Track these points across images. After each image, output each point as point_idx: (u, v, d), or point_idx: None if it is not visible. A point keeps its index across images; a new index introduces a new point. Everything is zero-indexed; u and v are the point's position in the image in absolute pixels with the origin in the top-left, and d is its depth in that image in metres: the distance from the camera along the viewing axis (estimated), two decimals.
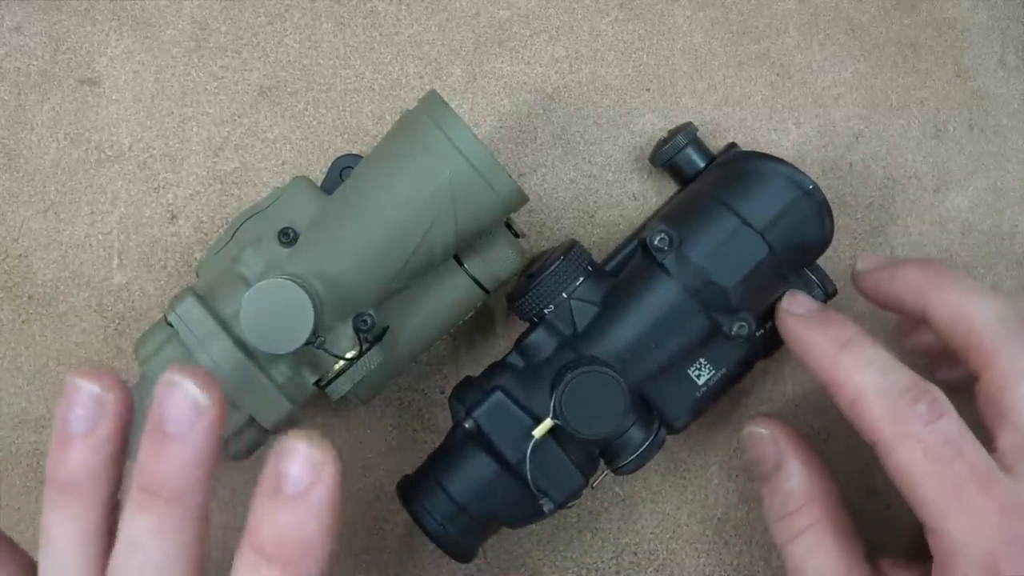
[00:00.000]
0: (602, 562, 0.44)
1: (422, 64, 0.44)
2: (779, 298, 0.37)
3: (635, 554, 0.44)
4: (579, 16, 0.44)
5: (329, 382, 0.37)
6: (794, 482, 0.36)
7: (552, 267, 0.37)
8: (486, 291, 0.38)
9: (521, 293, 0.37)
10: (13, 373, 0.43)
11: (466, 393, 0.37)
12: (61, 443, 0.28)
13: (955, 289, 0.33)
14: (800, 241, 0.36)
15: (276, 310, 0.34)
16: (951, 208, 0.44)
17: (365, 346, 0.36)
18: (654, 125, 0.44)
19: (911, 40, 0.45)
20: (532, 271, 0.38)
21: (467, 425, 0.36)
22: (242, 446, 0.37)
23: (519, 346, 0.37)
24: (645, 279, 0.36)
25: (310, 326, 0.34)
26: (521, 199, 0.35)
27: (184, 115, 0.43)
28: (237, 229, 0.38)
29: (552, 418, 0.35)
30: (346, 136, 0.43)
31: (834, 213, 0.36)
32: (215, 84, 0.44)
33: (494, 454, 0.36)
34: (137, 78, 0.43)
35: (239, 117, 0.43)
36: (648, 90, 0.44)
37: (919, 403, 0.31)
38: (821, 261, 0.38)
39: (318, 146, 0.43)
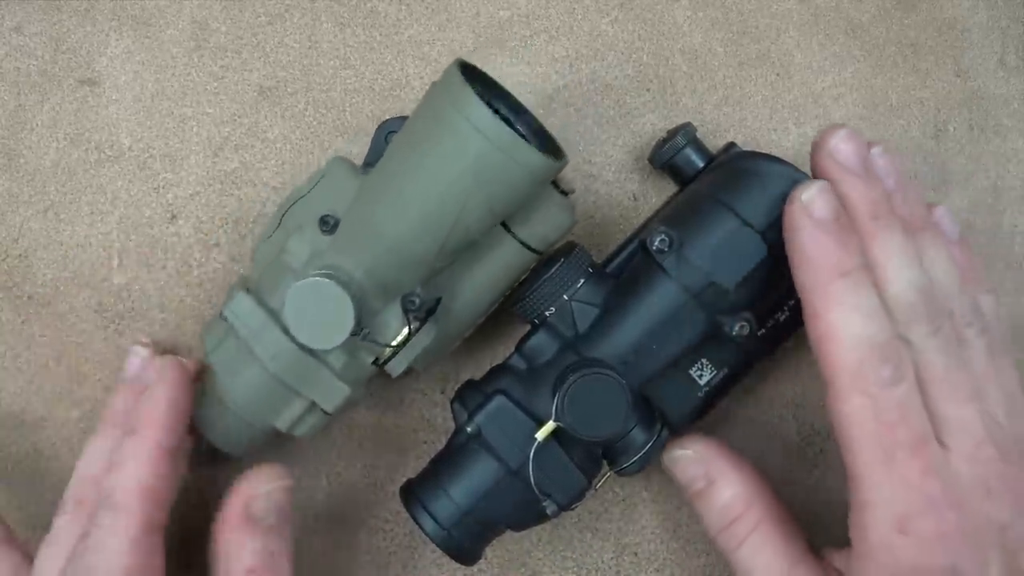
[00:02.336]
0: (602, 562, 0.44)
1: (422, 64, 0.44)
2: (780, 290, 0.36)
3: (635, 554, 0.44)
4: (579, 16, 0.44)
5: (386, 361, 0.37)
6: (730, 492, 0.37)
7: (553, 269, 0.37)
8: (537, 252, 0.38)
9: (522, 295, 0.37)
10: (13, 373, 0.43)
11: (468, 396, 0.37)
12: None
13: (835, 309, 0.32)
14: None
15: (317, 308, 0.34)
16: (951, 208, 0.44)
17: (415, 325, 0.36)
18: (654, 125, 0.44)
19: (911, 40, 0.45)
20: (533, 273, 0.38)
21: (469, 429, 0.36)
22: (309, 428, 0.38)
23: (520, 349, 0.37)
24: (646, 280, 0.36)
25: (351, 322, 0.34)
26: (552, 167, 0.34)
27: (184, 115, 0.43)
28: (284, 215, 0.38)
29: (554, 420, 0.35)
30: (346, 136, 0.43)
31: None
32: (215, 84, 0.44)
33: (497, 457, 0.36)
34: (137, 78, 0.43)
35: (239, 117, 0.43)
36: (648, 90, 0.44)
37: (885, 364, 0.31)
38: None
39: (318, 146, 0.43)
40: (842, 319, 0.32)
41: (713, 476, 0.38)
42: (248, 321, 0.36)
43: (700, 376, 0.37)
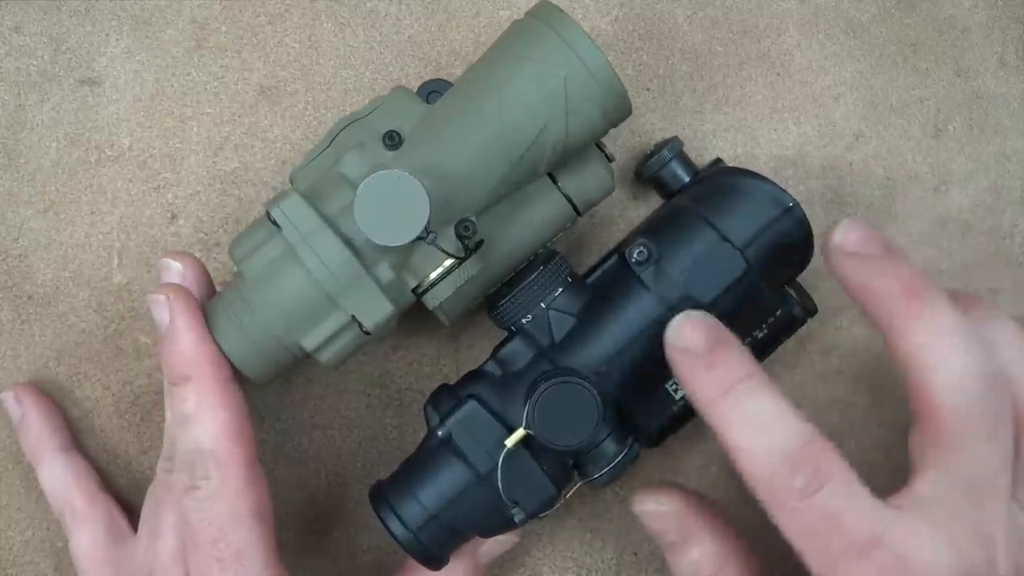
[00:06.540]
0: (602, 562, 0.44)
1: (422, 64, 0.44)
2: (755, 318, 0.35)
3: (635, 554, 0.44)
4: (579, 16, 0.44)
5: (427, 289, 0.36)
6: (700, 551, 0.36)
7: (531, 277, 0.37)
8: (577, 212, 0.38)
9: (499, 302, 0.37)
10: (13, 373, 0.43)
11: (441, 400, 0.37)
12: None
13: (923, 332, 0.30)
14: (780, 258, 0.36)
15: (391, 201, 0.33)
16: (951, 208, 0.44)
17: (468, 252, 0.35)
18: (654, 125, 0.44)
19: (911, 40, 0.45)
20: (511, 280, 0.38)
21: (440, 433, 0.36)
22: (336, 351, 0.36)
23: (496, 355, 0.37)
24: (623, 292, 0.36)
25: (425, 217, 0.33)
26: (628, 110, 0.35)
27: (184, 115, 0.43)
28: (336, 136, 0.37)
29: (525, 428, 0.35)
30: None
31: (834, 213, 0.36)
32: (215, 84, 0.44)
33: (466, 462, 0.36)
34: (137, 78, 0.43)
35: (239, 117, 0.43)
36: (648, 90, 0.44)
37: (797, 474, 0.29)
38: (811, 271, 0.38)
39: None
40: (737, 435, 0.30)
41: (685, 533, 0.36)
42: (299, 222, 0.34)
43: (676, 391, 0.37)
